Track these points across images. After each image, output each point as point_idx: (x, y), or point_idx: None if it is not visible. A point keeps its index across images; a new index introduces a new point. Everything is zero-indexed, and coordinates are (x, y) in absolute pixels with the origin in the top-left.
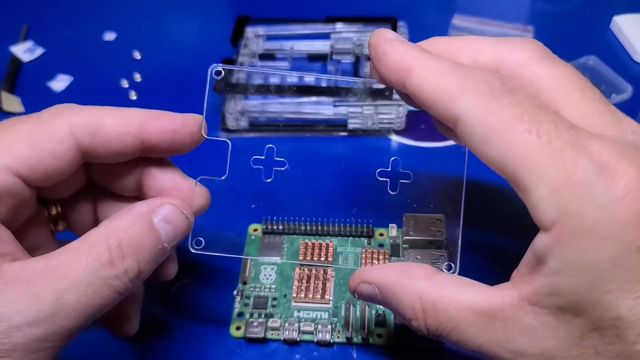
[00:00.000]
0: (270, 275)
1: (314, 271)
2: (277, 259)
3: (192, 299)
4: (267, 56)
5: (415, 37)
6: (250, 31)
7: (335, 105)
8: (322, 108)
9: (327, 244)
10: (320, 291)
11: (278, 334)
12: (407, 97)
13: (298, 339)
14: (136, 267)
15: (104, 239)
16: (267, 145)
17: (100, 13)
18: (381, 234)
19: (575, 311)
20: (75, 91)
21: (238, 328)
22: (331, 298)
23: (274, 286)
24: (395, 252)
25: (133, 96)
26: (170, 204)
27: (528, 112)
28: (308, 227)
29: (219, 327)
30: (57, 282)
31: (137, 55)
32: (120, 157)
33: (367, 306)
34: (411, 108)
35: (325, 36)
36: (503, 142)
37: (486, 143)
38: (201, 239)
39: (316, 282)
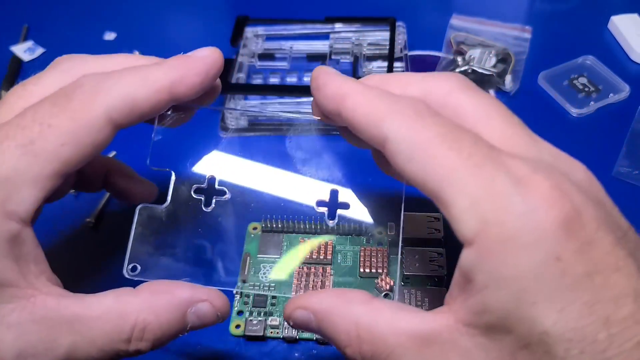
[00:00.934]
0: (269, 274)
1: (313, 269)
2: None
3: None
4: (266, 56)
5: (414, 37)
6: (249, 31)
7: None
8: None
9: (327, 242)
10: (319, 289)
11: (277, 332)
12: (346, 133)
13: (297, 337)
14: (149, 348)
15: (134, 316)
16: (208, 176)
17: (100, 13)
18: (380, 232)
19: (505, 328)
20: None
21: (237, 326)
22: None
23: (273, 284)
24: (393, 250)
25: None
26: (211, 304)
27: (451, 131)
28: (307, 226)
29: (218, 325)
30: (75, 336)
31: (137, 54)
32: (149, 118)
33: None
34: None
35: (325, 36)
36: (426, 158)
37: (411, 161)
38: (137, 265)
39: (315, 280)
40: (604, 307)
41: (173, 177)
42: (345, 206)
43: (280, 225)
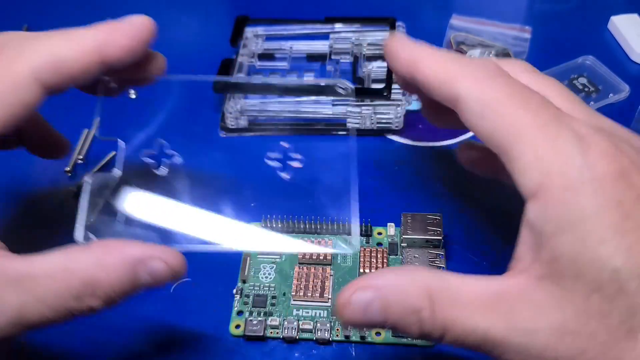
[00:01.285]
0: (269, 274)
1: (312, 270)
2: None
3: (191, 298)
4: (266, 56)
5: (413, 36)
6: (249, 31)
7: (334, 105)
8: (321, 107)
9: (326, 243)
10: (319, 289)
11: (277, 332)
12: (426, 111)
13: (297, 337)
14: (101, 305)
15: (83, 272)
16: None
17: (99, 13)
18: (379, 233)
19: (576, 273)
20: (75, 91)
21: (237, 326)
22: (330, 296)
23: (273, 285)
24: (393, 250)
25: (132, 95)
26: (163, 261)
27: (519, 92)
28: (307, 226)
29: (218, 325)
30: (24, 296)
31: None
32: (82, 83)
33: None
34: (409, 108)
35: (324, 36)
36: (496, 116)
37: (482, 118)
38: (89, 233)
39: (315, 280)
40: None
41: (122, 146)
42: (301, 161)
43: (279, 226)
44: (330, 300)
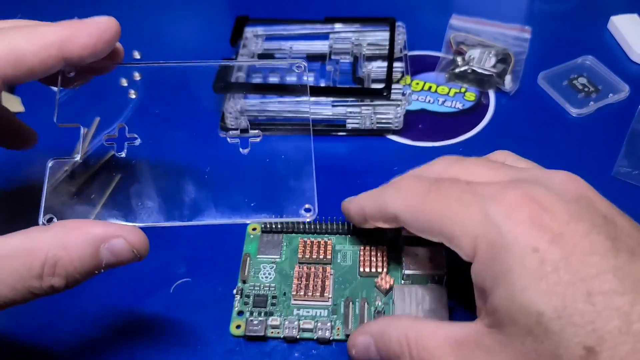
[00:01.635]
0: (269, 274)
1: (313, 269)
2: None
3: (192, 298)
4: (266, 56)
5: (413, 37)
6: (249, 31)
7: (333, 105)
8: (320, 108)
9: (326, 242)
10: (320, 289)
11: (278, 332)
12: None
13: (298, 336)
14: (63, 284)
15: (43, 252)
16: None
17: (99, 12)
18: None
19: (511, 321)
20: (75, 90)
21: (238, 326)
22: (330, 296)
23: (273, 285)
24: (393, 249)
25: (132, 95)
26: (125, 240)
27: (432, 186)
28: (307, 226)
29: (219, 325)
30: None
31: (136, 54)
32: (43, 76)
33: (365, 303)
34: (409, 108)
35: (324, 36)
36: (423, 215)
37: (416, 222)
38: (53, 216)
39: (315, 280)
40: (586, 284)
41: (83, 131)
42: (256, 136)
43: (279, 226)
44: (330, 299)
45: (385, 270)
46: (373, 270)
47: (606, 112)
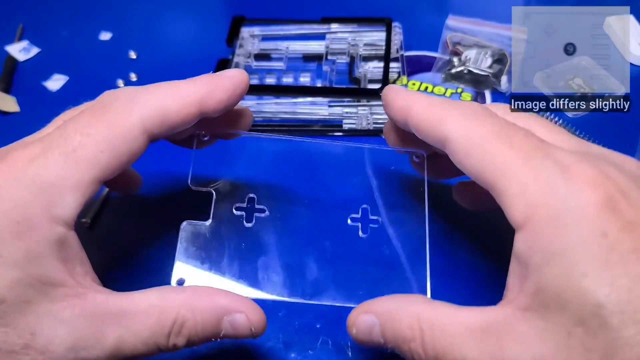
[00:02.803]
0: None
1: None
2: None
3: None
4: (262, 56)
5: (409, 37)
6: (245, 31)
7: (330, 106)
8: (317, 108)
9: None
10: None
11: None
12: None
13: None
14: (183, 345)
15: (174, 311)
16: (248, 195)
17: (95, 13)
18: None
19: (560, 306)
20: (71, 91)
21: None
22: None
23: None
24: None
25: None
26: (247, 316)
27: (503, 128)
28: None
29: None
30: (122, 330)
31: (132, 55)
32: (180, 130)
33: None
34: None
35: (321, 36)
36: (482, 154)
37: (469, 156)
38: (183, 278)
39: None
40: None
41: (214, 196)
42: (375, 222)
43: None
44: None
45: None
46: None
47: (602, 113)
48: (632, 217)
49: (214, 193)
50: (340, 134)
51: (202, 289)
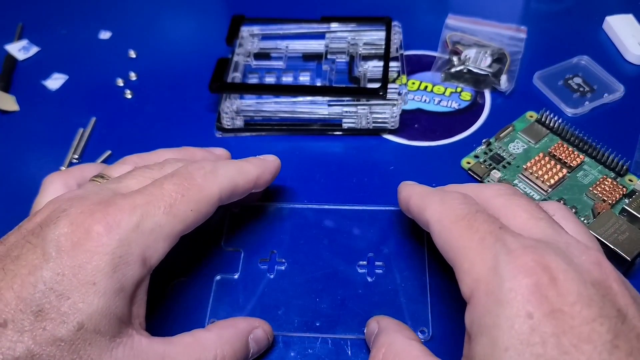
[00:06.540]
0: (517, 147)
1: (553, 163)
2: None
3: (192, 298)
4: (262, 55)
5: (409, 36)
6: (245, 30)
7: (329, 105)
8: (316, 107)
9: (579, 155)
10: (545, 178)
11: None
12: None
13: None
14: None
15: (213, 347)
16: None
17: (95, 12)
18: (630, 180)
19: None
20: (71, 90)
21: (468, 162)
22: (549, 190)
23: (515, 154)
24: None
25: (128, 95)
26: (262, 329)
27: (468, 214)
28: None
29: None
30: None
31: (132, 54)
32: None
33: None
34: (405, 107)
35: (320, 36)
36: (447, 235)
37: (439, 237)
38: (215, 319)
39: (549, 172)
40: None
41: (242, 254)
42: (381, 267)
43: (551, 124)
44: (548, 192)
45: (611, 202)
46: (600, 195)
47: (601, 112)
48: (559, 305)
49: (242, 252)
50: (340, 133)
51: (224, 321)
